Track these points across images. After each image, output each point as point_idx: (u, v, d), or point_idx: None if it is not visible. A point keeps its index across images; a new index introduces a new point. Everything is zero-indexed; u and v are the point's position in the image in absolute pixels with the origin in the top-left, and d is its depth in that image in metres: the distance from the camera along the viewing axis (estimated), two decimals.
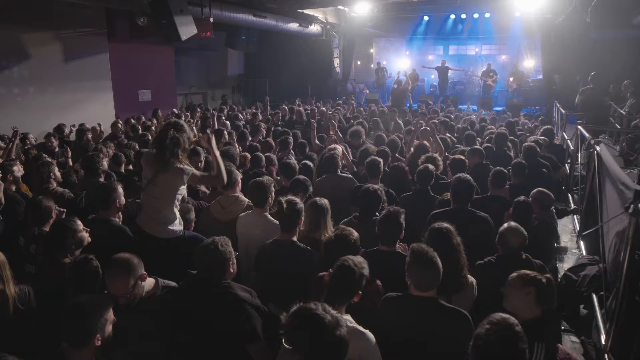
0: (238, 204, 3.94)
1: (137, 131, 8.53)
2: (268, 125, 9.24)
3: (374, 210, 3.68)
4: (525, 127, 9.64)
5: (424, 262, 2.46)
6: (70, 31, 10.06)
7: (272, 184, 3.65)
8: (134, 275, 2.46)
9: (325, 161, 4.97)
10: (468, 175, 3.85)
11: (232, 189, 4.00)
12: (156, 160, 3.26)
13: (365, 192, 3.73)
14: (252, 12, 12.07)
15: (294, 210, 3.11)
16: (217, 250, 2.57)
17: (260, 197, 3.57)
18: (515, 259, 3.08)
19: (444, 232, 2.79)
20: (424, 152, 6.06)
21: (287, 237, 3.16)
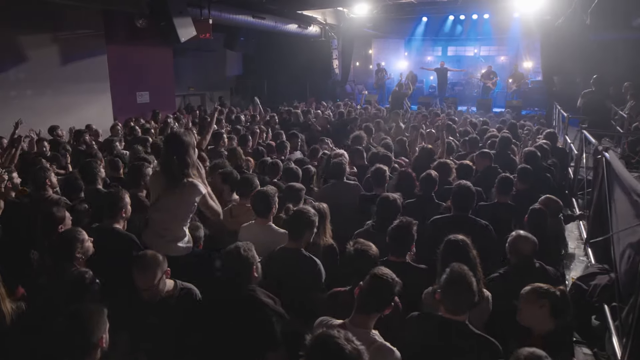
0: (249, 214, 3.82)
1: (136, 134, 8.46)
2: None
3: (392, 220, 3.60)
4: (526, 129, 9.61)
5: (462, 285, 2.37)
6: (67, 33, 9.95)
7: (276, 193, 3.58)
8: (161, 269, 2.61)
9: (332, 167, 4.89)
10: (469, 182, 3.80)
11: (247, 199, 3.90)
12: (164, 177, 3.18)
13: (384, 201, 3.64)
14: (252, 13, 11.99)
15: (303, 220, 3.05)
16: (240, 255, 2.62)
17: (264, 207, 3.50)
18: (528, 267, 3.03)
19: (460, 244, 2.72)
20: (429, 155, 6.04)
21: (294, 245, 3.11)
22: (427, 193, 4.55)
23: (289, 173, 4.67)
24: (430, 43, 20.41)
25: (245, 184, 3.97)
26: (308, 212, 3.09)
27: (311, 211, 3.10)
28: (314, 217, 3.10)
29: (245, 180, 4.01)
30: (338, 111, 9.64)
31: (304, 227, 3.08)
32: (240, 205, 3.96)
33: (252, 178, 4.03)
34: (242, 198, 3.95)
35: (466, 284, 2.36)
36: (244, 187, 3.97)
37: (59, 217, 3.29)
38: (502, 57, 19.66)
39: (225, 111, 11.87)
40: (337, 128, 8.38)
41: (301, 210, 3.10)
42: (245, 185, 3.96)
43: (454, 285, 2.38)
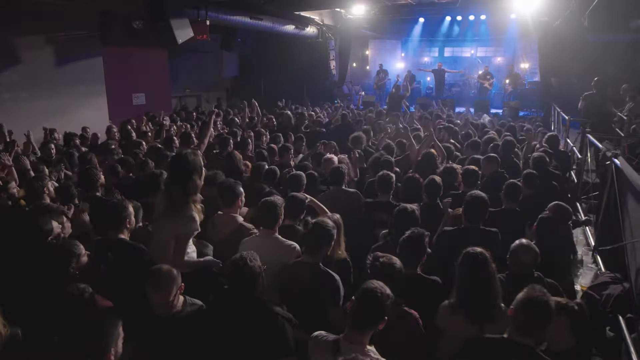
0: (229, 224, 3.69)
1: (131, 137, 8.34)
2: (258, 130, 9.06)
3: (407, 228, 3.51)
4: (525, 129, 9.56)
5: (541, 305, 2.23)
6: (63, 34, 9.79)
7: (283, 204, 3.48)
8: (176, 284, 2.55)
9: (331, 173, 4.79)
10: (482, 193, 3.69)
11: (231, 207, 3.77)
12: (166, 200, 3.11)
13: (402, 213, 3.53)
14: (249, 14, 11.88)
15: (323, 234, 2.95)
16: (246, 265, 2.58)
17: (270, 217, 3.38)
18: (526, 278, 2.95)
19: (480, 258, 2.63)
20: (431, 160, 5.96)
21: (312, 260, 2.99)
22: (432, 199, 4.48)
23: (293, 180, 4.52)
24: (427, 44, 20.41)
25: (228, 192, 3.78)
26: (327, 225, 2.99)
27: (330, 224, 3.00)
28: (333, 231, 3.00)
29: (227, 189, 3.81)
30: (340, 113, 9.51)
31: (323, 241, 2.98)
32: (223, 215, 3.78)
33: (235, 185, 3.84)
34: (225, 207, 3.79)
35: (546, 305, 2.25)
36: (227, 196, 3.78)
37: (45, 230, 3.17)
38: (499, 58, 19.67)
39: (222, 113, 11.77)
40: (341, 130, 8.25)
41: (320, 223, 2.98)
42: (227, 194, 3.77)
43: (533, 305, 2.24)
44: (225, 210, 3.75)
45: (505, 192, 4.37)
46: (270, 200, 3.40)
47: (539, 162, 5.65)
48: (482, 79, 16.84)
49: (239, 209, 3.82)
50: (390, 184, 4.45)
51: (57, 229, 3.28)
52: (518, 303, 2.27)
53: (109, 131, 8.85)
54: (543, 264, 3.06)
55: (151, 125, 10.02)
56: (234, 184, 3.77)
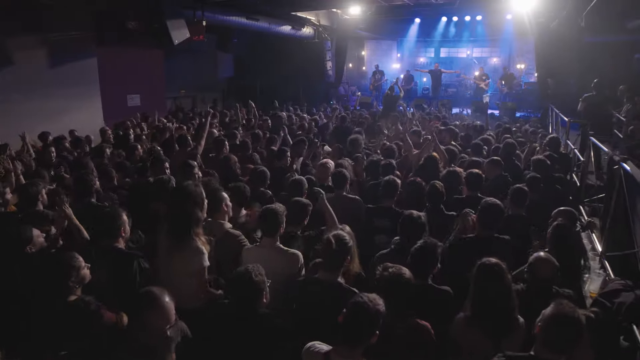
0: (215, 231, 3.50)
1: (126, 140, 8.21)
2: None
3: (417, 240, 3.41)
4: (529, 131, 9.53)
5: (572, 324, 2.14)
6: (56, 35, 9.63)
7: (285, 212, 3.37)
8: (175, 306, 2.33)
9: (334, 178, 4.69)
10: (498, 201, 3.60)
11: (216, 213, 3.62)
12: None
13: (408, 221, 3.42)
14: (245, 14, 11.77)
15: (343, 249, 2.82)
16: (251, 280, 2.52)
17: (271, 226, 3.28)
18: (545, 291, 2.87)
19: (495, 269, 2.54)
20: (434, 163, 5.88)
21: (332, 277, 2.86)
22: (435, 205, 4.40)
23: (294, 185, 4.38)
24: (422, 44, 20.38)
25: (211, 197, 3.65)
26: (344, 238, 2.86)
27: (347, 237, 2.89)
28: (351, 244, 2.89)
29: (210, 194, 3.66)
30: (338, 115, 9.40)
31: (343, 256, 2.85)
32: (209, 222, 3.62)
33: (217, 190, 3.73)
34: (210, 213, 3.66)
35: (578, 321, 2.15)
36: (211, 201, 3.63)
37: (25, 238, 3.05)
38: (495, 59, 19.69)
39: (218, 115, 11.64)
40: (340, 132, 8.15)
41: (340, 238, 2.85)
42: (211, 199, 3.64)
43: (564, 322, 2.14)
44: (211, 216, 3.63)
45: (512, 197, 4.30)
46: (271, 208, 3.30)
47: (541, 165, 5.59)
48: (478, 79, 16.82)
49: (226, 214, 3.68)
50: (396, 190, 4.36)
51: (38, 238, 3.15)
52: (547, 319, 2.18)
53: (104, 134, 8.70)
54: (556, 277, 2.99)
55: (145, 127, 9.88)
56: (216, 189, 3.65)
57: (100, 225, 3.15)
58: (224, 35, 13.26)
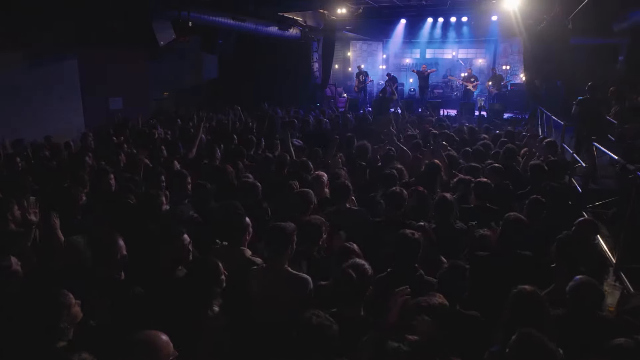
0: (234, 257, 3.21)
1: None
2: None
3: (412, 261, 3.19)
4: (520, 134, 9.42)
5: None
6: (34, 35, 9.16)
7: (295, 231, 3.11)
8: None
9: (335, 189, 4.44)
10: (521, 216, 3.40)
11: (237, 240, 3.34)
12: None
13: (402, 240, 3.15)
14: (232, 15, 11.44)
15: (364, 280, 2.56)
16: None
17: (279, 246, 3.00)
18: (589, 318, 2.69)
19: (534, 299, 2.33)
20: (436, 171, 5.69)
21: (355, 313, 2.58)
22: (444, 218, 4.20)
23: (301, 198, 4.09)
24: (408, 45, 20.30)
25: (235, 222, 3.38)
26: (366, 268, 2.61)
27: (366, 266, 2.64)
28: (371, 272, 2.64)
29: (236, 221, 3.40)
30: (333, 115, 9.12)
31: (365, 289, 2.59)
32: (226, 247, 3.36)
33: (240, 214, 3.46)
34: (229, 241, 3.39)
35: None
36: (233, 230, 3.37)
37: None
38: (480, 60, 19.72)
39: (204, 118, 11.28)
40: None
41: (358, 265, 2.58)
42: (235, 223, 3.38)
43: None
44: (231, 245, 3.32)
45: (528, 209, 4.12)
46: (279, 226, 3.03)
47: (540, 171, 5.43)
48: (466, 81, 16.79)
49: (246, 240, 3.39)
50: (403, 202, 4.13)
51: (15, 266, 2.80)
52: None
53: (85, 139, 8.29)
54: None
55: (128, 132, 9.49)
56: (241, 215, 3.34)
57: (96, 254, 2.83)
58: (209, 36, 12.87)
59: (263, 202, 4.53)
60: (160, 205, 3.88)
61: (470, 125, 9.62)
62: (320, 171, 5.01)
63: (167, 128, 10.24)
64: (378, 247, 4.09)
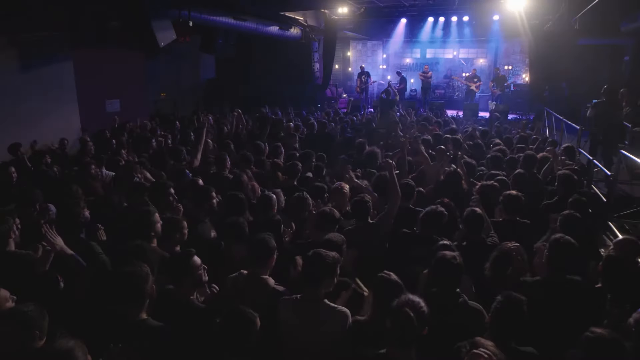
0: (259, 288, 2.90)
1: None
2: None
3: (454, 287, 2.95)
4: (529, 137, 9.16)
5: None
6: (27, 35, 8.76)
7: (339, 261, 2.78)
8: None
9: (354, 206, 4.13)
10: (571, 240, 3.11)
11: (262, 267, 3.00)
12: None
13: (443, 265, 2.90)
14: (232, 14, 11.10)
15: (421, 321, 2.25)
16: None
17: (317, 275, 2.69)
18: None
19: (613, 345, 2.05)
20: (457, 180, 5.41)
21: (406, 354, 2.28)
22: (475, 234, 3.93)
23: (324, 217, 3.78)
24: (408, 45, 20.04)
25: (260, 248, 3.01)
26: (422, 307, 2.30)
27: (422, 303, 2.34)
28: (425, 308, 2.35)
29: (259, 244, 3.04)
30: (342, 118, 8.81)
31: (422, 328, 2.30)
32: (249, 275, 3.00)
33: (268, 239, 3.09)
34: (253, 265, 3.01)
35: None
36: (259, 252, 3.02)
37: None
38: (481, 60, 19.49)
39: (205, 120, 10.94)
40: (345, 142, 7.62)
41: (418, 305, 2.29)
42: (259, 249, 3.01)
43: None
44: (255, 271, 2.97)
45: (564, 225, 3.83)
46: (319, 254, 2.71)
47: (569, 181, 5.16)
48: (469, 81, 16.55)
49: (269, 268, 3.05)
50: (441, 220, 3.85)
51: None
52: None
53: (84, 145, 7.93)
54: None
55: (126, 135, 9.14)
56: (266, 238, 3.01)
57: (115, 289, 2.49)
58: (208, 36, 12.52)
59: (276, 216, 4.23)
60: (182, 229, 3.51)
61: (483, 128, 9.34)
62: (341, 182, 4.67)
63: (165, 131, 9.92)
64: (405, 260, 3.87)
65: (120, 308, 2.44)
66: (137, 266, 2.54)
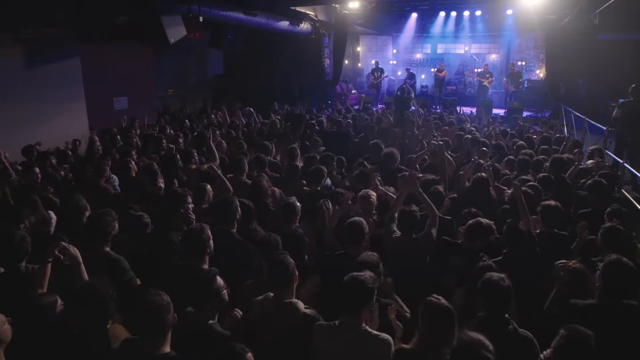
0: (288, 315, 2.64)
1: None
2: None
3: (503, 312, 2.69)
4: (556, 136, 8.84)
5: None
6: (33, 32, 8.50)
7: (376, 284, 2.55)
8: None
9: (402, 219, 3.85)
10: (628, 261, 2.83)
11: (287, 291, 2.73)
12: None
13: (492, 287, 2.65)
14: (243, 9, 10.81)
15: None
16: None
17: (356, 301, 2.46)
18: None
19: None
20: (485, 187, 5.13)
21: None
22: (515, 250, 3.67)
23: (351, 229, 3.49)
24: (419, 40, 19.64)
25: (280, 270, 2.74)
26: (485, 342, 2.07)
27: (487, 343, 2.08)
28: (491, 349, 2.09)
29: (278, 265, 2.78)
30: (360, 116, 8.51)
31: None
32: (276, 301, 2.69)
33: (288, 261, 2.80)
34: (277, 289, 2.73)
35: None
36: (279, 275, 2.73)
37: None
38: (493, 55, 19.06)
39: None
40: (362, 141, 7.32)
41: (483, 347, 2.05)
42: (279, 272, 2.75)
43: None
44: (279, 294, 2.70)
45: (606, 240, 3.55)
46: (358, 279, 2.45)
47: (602, 189, 4.85)
48: (481, 77, 16.19)
49: (293, 290, 2.77)
50: (488, 235, 3.61)
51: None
52: None
53: (92, 144, 7.70)
54: None
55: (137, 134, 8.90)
56: (286, 260, 2.72)
57: (142, 322, 2.25)
58: (217, 32, 12.22)
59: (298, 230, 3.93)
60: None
61: (504, 128, 9.02)
62: (368, 189, 4.38)
63: (173, 128, 9.68)
64: (438, 269, 3.71)
65: (139, 342, 2.20)
66: (157, 295, 2.28)
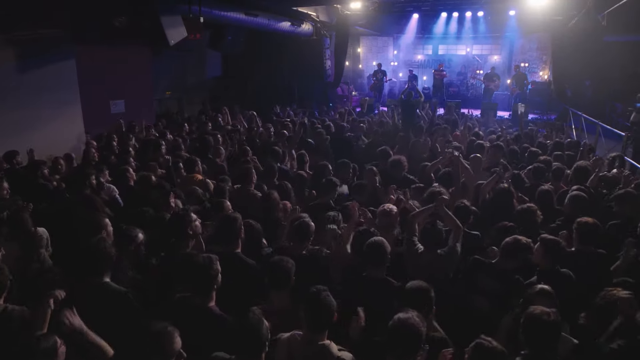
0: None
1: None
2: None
3: (552, 349, 2.42)
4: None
5: None
6: (26, 32, 8.13)
7: (424, 327, 2.23)
8: None
9: (425, 234, 3.56)
10: None
11: (319, 332, 2.41)
12: None
13: (534, 322, 2.41)
14: (244, 10, 10.47)
15: None
16: None
17: (404, 350, 2.18)
18: None
19: None
20: (508, 199, 4.83)
21: None
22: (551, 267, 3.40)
23: (373, 248, 3.20)
24: (420, 41, 19.39)
25: (315, 310, 2.45)
26: None
27: None
28: None
29: (314, 304, 2.47)
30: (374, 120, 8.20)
31: None
32: (306, 342, 2.41)
33: (329, 300, 2.50)
34: (309, 330, 2.44)
35: None
36: (313, 315, 2.44)
37: None
38: (495, 56, 18.83)
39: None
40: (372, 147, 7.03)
41: None
42: (314, 312, 2.46)
43: None
44: (312, 337, 2.39)
45: None
46: (408, 323, 2.14)
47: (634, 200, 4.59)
48: (487, 79, 15.90)
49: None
50: (526, 254, 3.32)
51: None
52: None
53: (87, 151, 7.35)
54: None
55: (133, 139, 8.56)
56: (326, 298, 2.40)
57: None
58: (217, 33, 11.88)
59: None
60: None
61: (517, 133, 8.73)
62: (389, 204, 4.05)
63: (172, 133, 9.36)
64: (466, 288, 3.47)
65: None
66: (162, 325, 2.07)
